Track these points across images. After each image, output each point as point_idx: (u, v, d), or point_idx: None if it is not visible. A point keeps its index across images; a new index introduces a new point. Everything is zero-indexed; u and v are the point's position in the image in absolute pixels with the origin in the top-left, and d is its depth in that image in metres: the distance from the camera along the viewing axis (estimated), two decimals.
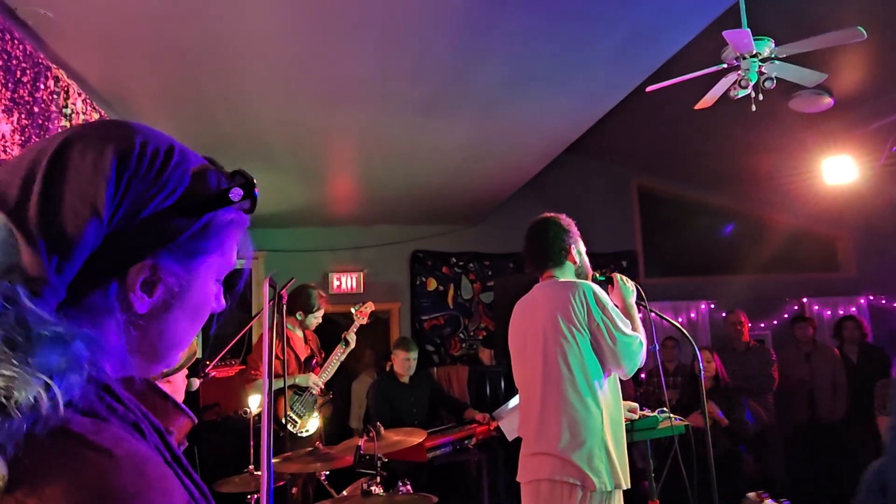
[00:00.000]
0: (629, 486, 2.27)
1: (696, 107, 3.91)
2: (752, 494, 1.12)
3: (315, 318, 4.18)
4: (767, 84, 3.31)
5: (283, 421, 3.80)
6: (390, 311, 6.80)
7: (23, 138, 2.20)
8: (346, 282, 6.66)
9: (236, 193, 0.68)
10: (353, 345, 4.16)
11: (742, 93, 3.36)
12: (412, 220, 6.64)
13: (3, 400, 0.47)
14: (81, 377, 0.51)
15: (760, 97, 3.43)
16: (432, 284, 6.83)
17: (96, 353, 0.54)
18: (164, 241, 0.61)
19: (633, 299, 2.58)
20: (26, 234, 0.54)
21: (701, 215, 7.36)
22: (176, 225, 0.62)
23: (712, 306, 7.02)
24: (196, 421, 0.69)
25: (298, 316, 4.11)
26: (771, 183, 6.33)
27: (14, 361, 0.48)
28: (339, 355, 4.13)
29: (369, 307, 4.35)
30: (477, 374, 5.81)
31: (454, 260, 6.91)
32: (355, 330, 4.24)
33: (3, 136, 2.09)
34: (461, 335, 6.84)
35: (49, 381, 0.49)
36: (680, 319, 6.84)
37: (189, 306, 0.66)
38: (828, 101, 4.66)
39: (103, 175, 0.57)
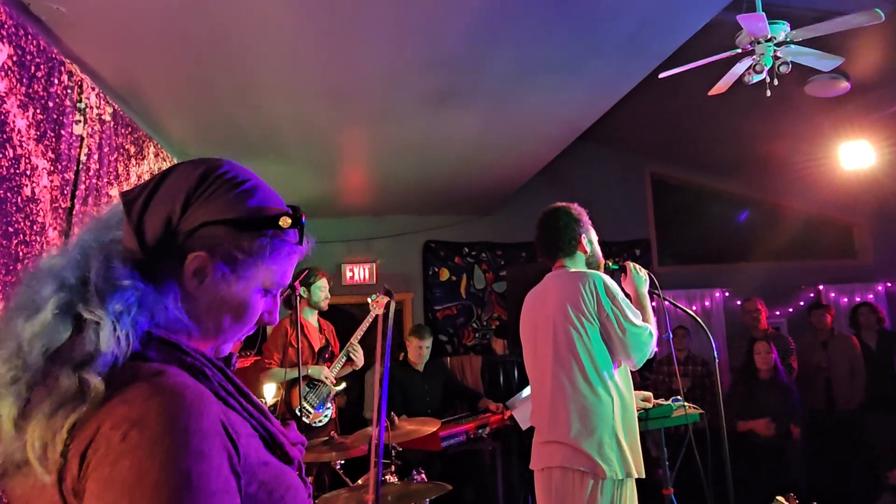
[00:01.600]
0: (643, 476, 2.27)
1: (710, 93, 3.86)
2: (780, 498, 1.11)
3: (320, 290, 4.17)
4: (783, 69, 3.26)
5: (298, 412, 3.84)
6: (403, 301, 6.82)
7: (38, 133, 2.23)
8: (359, 273, 6.68)
9: (285, 221, 0.86)
10: (359, 354, 4.17)
11: (757, 78, 3.31)
12: (424, 211, 6.65)
13: (97, 332, 0.70)
14: (137, 320, 0.74)
15: (775, 82, 3.38)
16: (445, 274, 6.84)
17: (154, 306, 0.76)
18: (217, 244, 0.81)
19: (645, 288, 2.57)
20: (129, 218, 0.79)
21: (715, 202, 7.29)
22: (230, 234, 0.82)
23: (727, 294, 6.97)
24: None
25: (303, 293, 4.11)
26: (786, 169, 6.25)
27: (101, 304, 0.72)
28: (342, 362, 4.15)
29: (385, 298, 4.35)
30: (490, 364, 5.82)
31: (467, 250, 6.91)
32: (368, 323, 4.26)
33: (20, 131, 2.12)
34: (474, 325, 6.85)
35: (114, 322, 0.71)
36: (694, 308, 6.80)
37: (233, 303, 0.84)
38: (844, 85, 4.58)
39: (184, 187, 0.81)
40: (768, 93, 3.44)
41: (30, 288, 0.76)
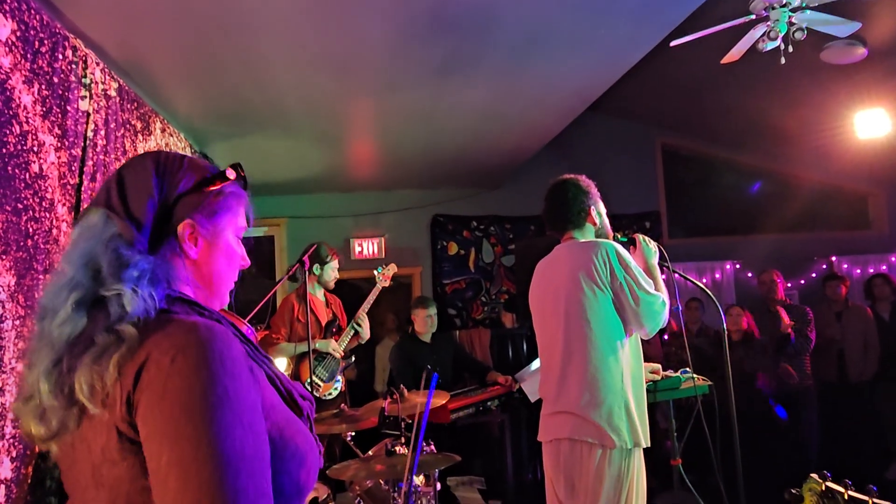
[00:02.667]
0: (649, 445, 2.28)
1: (723, 61, 3.79)
2: (814, 475, 1.10)
3: (331, 270, 4.20)
4: (798, 35, 3.18)
5: (308, 385, 3.88)
6: (412, 275, 6.83)
7: (44, 109, 2.22)
8: (367, 247, 6.69)
9: (230, 172, 1.01)
10: (364, 326, 4.19)
11: (771, 45, 3.24)
12: (432, 185, 6.62)
13: (121, 302, 0.84)
14: (156, 283, 0.88)
15: (790, 49, 3.30)
16: (453, 248, 6.83)
17: (168, 274, 0.92)
18: (194, 207, 0.97)
19: (655, 260, 2.55)
20: (117, 214, 0.92)
21: (726, 174, 7.20)
22: (198, 196, 0.98)
23: (737, 266, 6.93)
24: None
25: (316, 270, 4.14)
26: (800, 139, 6.15)
27: (117, 280, 0.86)
28: (349, 335, 4.17)
29: (392, 269, 4.36)
30: (499, 337, 5.84)
31: (475, 223, 6.89)
32: (377, 293, 4.27)
33: (25, 108, 2.11)
34: (483, 299, 6.87)
35: (134, 287, 0.86)
36: (704, 280, 6.77)
37: (222, 251, 1.01)
38: (861, 51, 4.47)
39: (148, 173, 0.96)
40: (783, 60, 3.37)
41: (49, 301, 0.89)
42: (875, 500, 1.00)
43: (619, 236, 2.63)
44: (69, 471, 0.89)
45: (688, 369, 2.93)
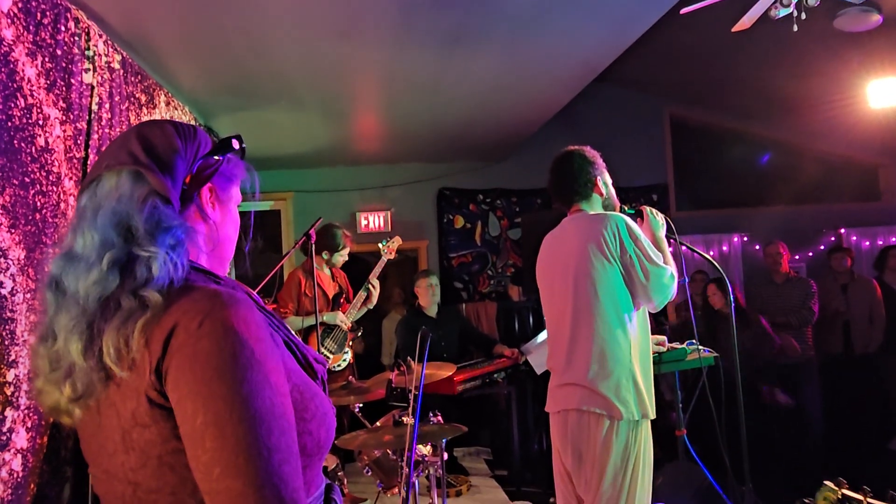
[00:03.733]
0: (655, 417, 2.30)
1: (734, 29, 3.71)
2: (829, 483, 1.05)
3: (341, 257, 4.24)
4: (811, 1, 3.11)
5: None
6: (418, 249, 6.84)
7: (48, 82, 2.21)
8: (373, 221, 6.69)
9: (237, 140, 1.03)
10: (376, 290, 4.20)
11: (783, 12, 3.17)
12: (438, 158, 6.58)
13: (149, 265, 0.85)
14: (185, 252, 0.89)
15: (803, 16, 3.23)
16: (459, 222, 6.82)
17: (193, 238, 0.93)
18: (213, 171, 0.99)
19: (662, 232, 2.54)
20: (150, 170, 0.91)
21: (735, 145, 7.12)
22: (215, 162, 1.00)
23: (745, 239, 6.90)
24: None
25: (325, 255, 4.17)
26: (811, 109, 6.06)
27: (152, 243, 0.86)
28: (361, 300, 4.19)
29: (397, 242, 4.37)
30: (505, 310, 5.86)
31: (481, 197, 6.87)
32: (381, 268, 4.28)
33: (29, 80, 2.10)
34: (489, 272, 6.88)
35: (167, 253, 0.86)
36: (712, 253, 6.75)
37: (231, 220, 1.04)
38: (876, 18, 4.37)
39: (171, 135, 0.97)
40: (795, 28, 3.29)
41: (73, 262, 0.88)
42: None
43: (626, 208, 2.62)
44: (93, 437, 0.90)
45: (694, 341, 2.93)
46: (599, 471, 2.24)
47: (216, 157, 1.00)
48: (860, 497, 0.99)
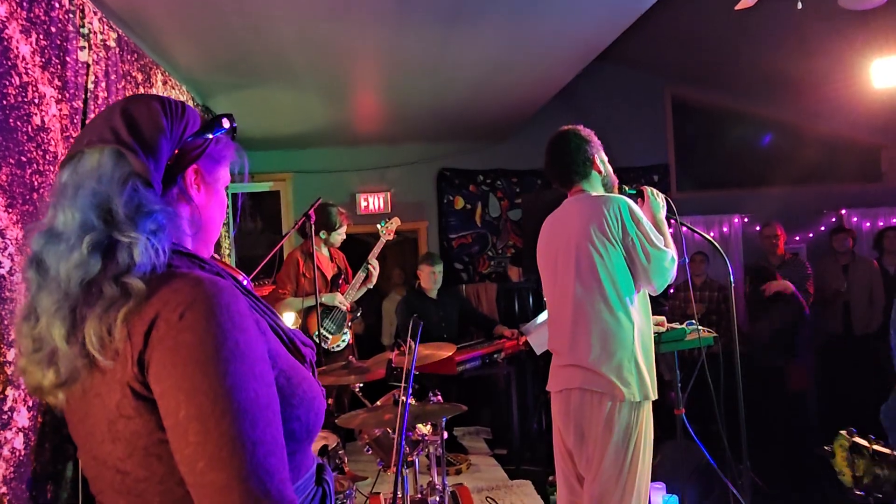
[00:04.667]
0: (657, 397, 2.31)
1: (737, 7, 3.67)
2: (844, 431, 1.19)
3: (339, 236, 4.22)
4: None
5: (316, 338, 3.92)
6: (418, 230, 6.83)
7: (43, 60, 2.18)
8: (373, 202, 6.67)
9: (226, 121, 1.00)
10: (375, 270, 4.19)
11: None
12: (438, 138, 6.54)
13: (131, 252, 0.83)
14: (168, 236, 0.87)
15: None
16: (460, 203, 6.81)
17: (176, 222, 0.90)
18: (200, 152, 0.96)
19: (663, 213, 2.53)
20: (132, 150, 0.89)
21: (737, 126, 7.08)
22: (202, 143, 0.97)
23: (745, 220, 6.88)
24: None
25: (322, 235, 4.16)
26: (813, 89, 6.01)
27: (133, 228, 0.84)
28: (360, 280, 4.18)
29: (395, 223, 4.35)
30: (505, 291, 5.87)
31: (481, 178, 6.84)
32: (380, 249, 4.27)
33: (24, 58, 2.07)
34: (489, 253, 6.87)
35: (148, 239, 0.84)
36: (712, 234, 6.74)
37: (217, 202, 1.02)
38: None
39: (157, 114, 0.93)
40: (800, 5, 3.26)
41: (54, 240, 0.85)
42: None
43: (626, 188, 2.61)
44: (80, 423, 0.88)
45: (693, 321, 2.94)
46: (601, 449, 2.26)
47: (205, 137, 0.97)
48: (866, 443, 1.13)
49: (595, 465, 2.29)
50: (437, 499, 2.56)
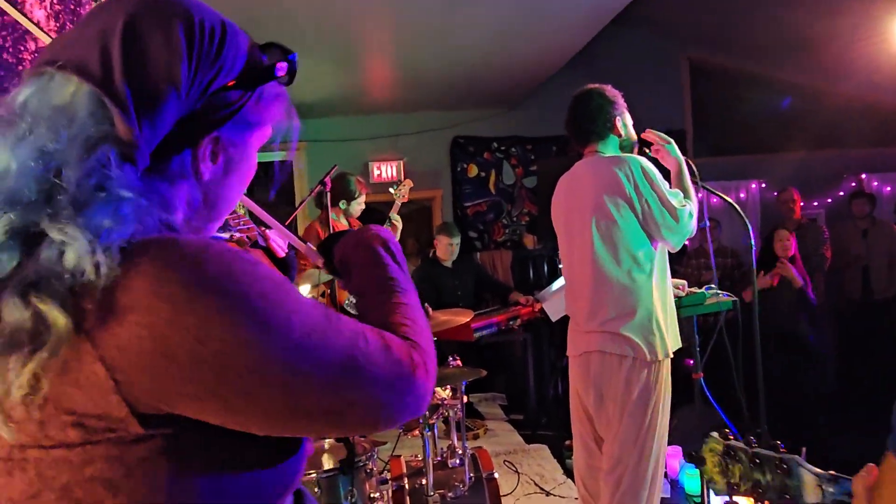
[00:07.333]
0: (679, 345, 2.32)
1: None
2: (715, 433, 1.05)
3: (358, 205, 4.21)
4: None
5: (347, 307, 3.94)
6: (432, 198, 6.81)
7: (58, 25, 2.16)
8: (386, 170, 6.65)
9: (282, 68, 0.71)
10: (399, 226, 4.16)
11: None
12: (452, 106, 6.48)
13: (60, 255, 0.54)
14: (124, 230, 0.56)
15: None
16: (474, 170, 6.77)
17: (150, 214, 0.60)
18: (228, 115, 0.67)
19: (685, 167, 2.51)
20: (119, 104, 0.59)
21: (754, 89, 6.94)
22: (237, 99, 0.67)
23: (763, 185, 6.79)
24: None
25: (342, 205, 4.14)
26: (833, 50, 5.85)
27: (73, 219, 0.55)
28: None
29: (408, 185, 4.31)
30: (520, 259, 5.87)
31: (495, 145, 6.79)
32: (397, 210, 4.24)
33: (39, 23, 2.06)
34: (504, 221, 6.85)
35: (94, 238, 0.54)
36: (709, 199, 6.66)
37: (242, 174, 0.73)
38: None
39: (177, 52, 0.62)
40: None
41: None
42: (783, 453, 0.94)
43: (647, 151, 2.57)
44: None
45: (712, 286, 2.92)
46: (621, 410, 2.27)
47: (240, 93, 0.67)
48: (744, 446, 0.99)
49: (614, 425, 2.31)
50: (458, 461, 2.60)
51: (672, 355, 2.31)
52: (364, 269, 0.81)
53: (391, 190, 4.31)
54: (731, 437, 1.03)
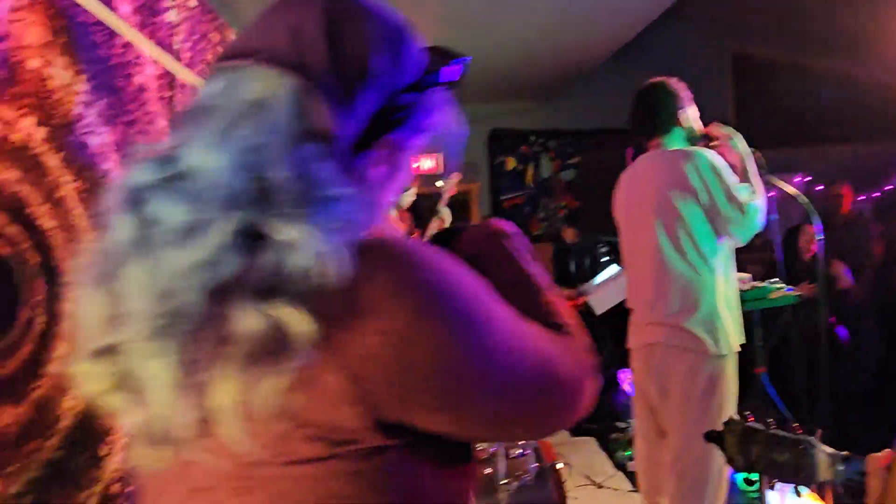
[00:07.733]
0: (744, 340, 2.30)
1: None
2: (735, 416, 1.10)
3: (409, 196, 4.23)
4: None
5: None
6: (470, 191, 6.82)
7: (140, 19, 2.21)
8: (425, 163, 6.66)
9: (455, 72, 0.67)
10: (448, 218, 4.18)
11: None
12: (490, 98, 6.46)
13: (291, 257, 0.50)
14: (345, 235, 0.53)
15: None
16: (511, 163, 6.76)
17: (360, 213, 0.56)
18: (404, 117, 0.63)
19: (751, 162, 2.49)
20: (325, 97, 0.56)
21: (801, 81, 6.81)
22: (412, 102, 0.64)
23: (808, 179, 6.68)
24: None
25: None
26: (885, 41, 5.73)
27: (301, 217, 0.51)
28: (433, 230, 4.20)
29: (455, 178, 4.33)
30: (560, 252, 5.85)
31: (533, 138, 6.76)
32: (445, 203, 4.27)
33: (125, 17, 2.10)
34: (541, 214, 6.84)
35: (325, 241, 0.51)
36: (771, 194, 6.56)
37: (399, 180, 0.67)
38: None
39: (373, 47, 0.60)
40: None
41: (177, 182, 0.52)
42: (799, 434, 0.97)
43: (711, 145, 2.55)
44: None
45: (777, 279, 2.90)
46: (685, 403, 2.27)
47: (416, 95, 0.65)
48: (761, 427, 1.05)
49: (677, 417, 2.31)
50: (520, 452, 2.61)
51: (738, 349, 2.29)
52: (501, 264, 0.75)
53: (438, 183, 4.33)
54: (751, 419, 1.08)
